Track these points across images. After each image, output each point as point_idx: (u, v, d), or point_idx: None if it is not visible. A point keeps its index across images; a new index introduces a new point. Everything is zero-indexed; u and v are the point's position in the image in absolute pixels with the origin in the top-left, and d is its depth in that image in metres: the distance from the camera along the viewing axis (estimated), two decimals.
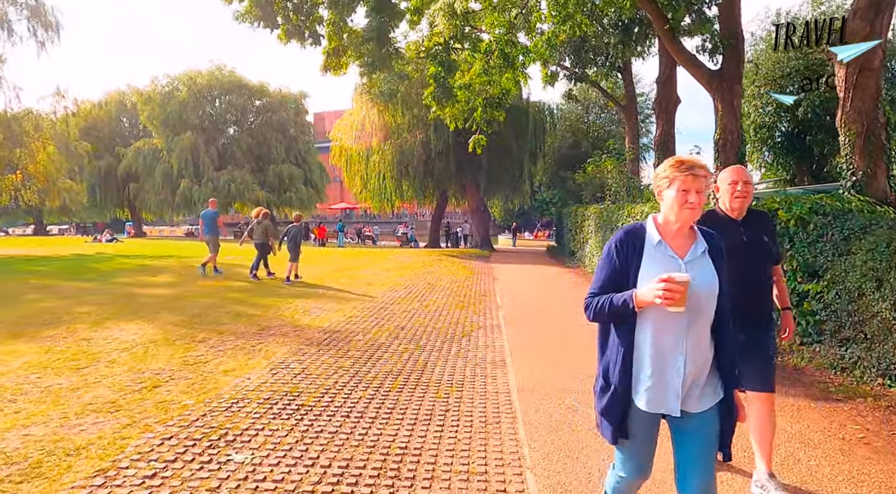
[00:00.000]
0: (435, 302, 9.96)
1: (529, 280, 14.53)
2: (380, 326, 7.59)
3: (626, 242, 2.05)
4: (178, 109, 43.26)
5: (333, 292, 10.84)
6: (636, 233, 2.06)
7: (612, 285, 2.05)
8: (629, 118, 19.88)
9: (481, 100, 13.07)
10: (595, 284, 2.13)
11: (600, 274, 2.11)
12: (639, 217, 11.44)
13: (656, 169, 2.10)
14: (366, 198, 29.49)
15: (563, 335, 7.34)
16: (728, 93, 10.05)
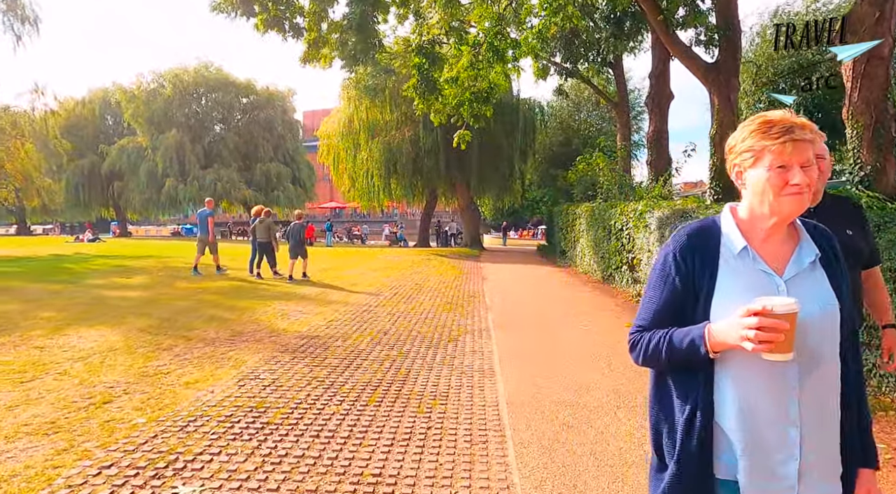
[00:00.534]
0: (421, 305, 9.53)
1: (520, 280, 14.15)
2: (361, 331, 7.15)
3: (692, 251, 1.38)
4: (164, 107, 42.52)
5: (316, 293, 10.38)
6: (706, 236, 1.39)
7: (671, 315, 1.40)
8: (621, 115, 19.57)
9: (468, 94, 12.66)
10: (644, 313, 1.46)
11: (652, 298, 1.44)
12: (632, 216, 11.08)
13: (731, 137, 1.40)
14: (354, 196, 29.01)
15: (556, 339, 6.94)
16: (724, 86, 9.72)
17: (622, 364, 5.63)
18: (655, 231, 9.86)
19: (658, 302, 1.42)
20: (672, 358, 1.34)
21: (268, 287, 11.15)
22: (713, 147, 9.91)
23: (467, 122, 13.33)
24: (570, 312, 8.99)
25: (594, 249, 13.89)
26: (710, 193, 10.36)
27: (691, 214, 8.54)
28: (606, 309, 9.32)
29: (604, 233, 12.97)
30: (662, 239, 9.51)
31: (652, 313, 1.43)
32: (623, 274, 11.75)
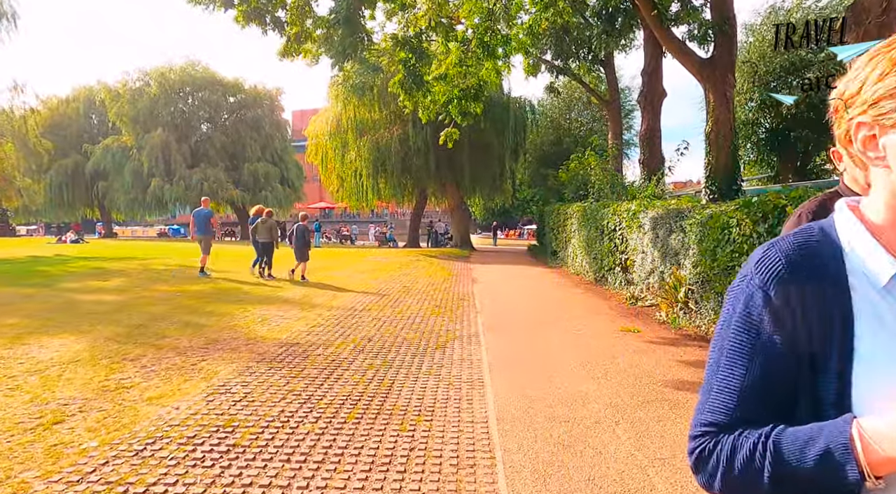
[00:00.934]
0: (409, 308, 9.19)
1: (510, 281, 13.84)
2: (345, 337, 6.80)
3: (800, 284, 0.81)
4: (149, 106, 41.87)
5: (300, 297, 10.01)
6: (819, 258, 0.83)
7: (771, 401, 0.83)
8: (612, 113, 19.32)
9: (457, 92, 12.32)
10: (718, 399, 0.86)
11: (730, 371, 0.85)
12: (626, 216, 10.81)
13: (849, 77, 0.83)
14: (342, 196, 28.61)
15: (548, 345, 6.63)
16: (721, 82, 9.46)
17: (618, 371, 5.32)
18: (650, 231, 9.59)
19: (744, 378, 0.83)
20: (785, 485, 0.76)
21: (250, 289, 10.77)
22: (708, 145, 9.65)
23: (455, 120, 12.99)
24: (563, 315, 8.69)
25: (586, 250, 13.62)
26: (705, 193, 10.11)
27: (686, 215, 8.27)
28: (600, 312, 9.03)
29: (596, 234, 12.69)
30: (657, 239, 9.25)
31: (734, 398, 0.83)
32: (616, 276, 11.47)
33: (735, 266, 6.38)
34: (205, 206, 12.95)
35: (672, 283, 8.32)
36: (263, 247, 12.37)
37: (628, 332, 7.31)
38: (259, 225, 12.27)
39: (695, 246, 7.80)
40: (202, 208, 12.87)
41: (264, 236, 12.27)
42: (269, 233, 12.30)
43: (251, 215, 12.99)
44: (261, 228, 12.25)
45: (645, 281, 9.90)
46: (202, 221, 12.66)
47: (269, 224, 12.33)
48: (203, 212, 12.77)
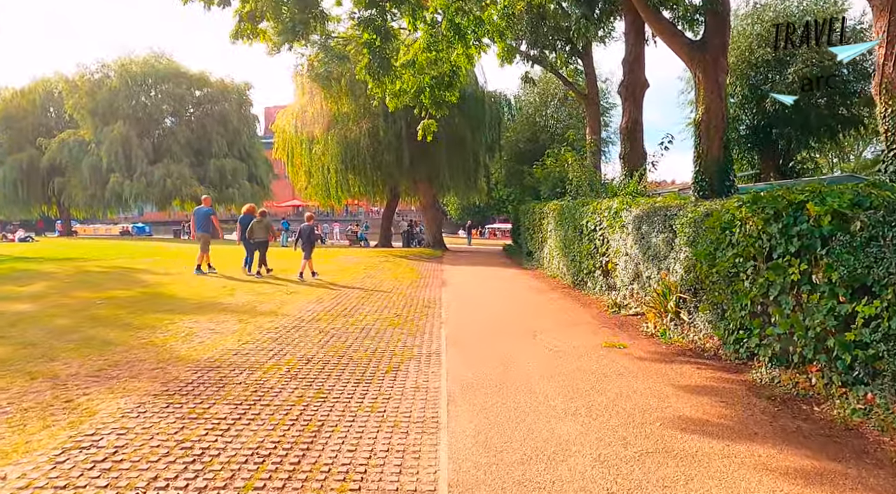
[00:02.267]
0: (365, 318, 8.10)
1: (482, 284, 12.84)
2: (279, 358, 5.69)
3: None
4: (109, 98, 39.94)
5: (245, 303, 8.85)
6: None
7: None
8: (590, 108, 18.48)
9: (428, 79, 11.27)
10: None
11: None
12: (606, 215, 9.88)
13: None
14: (311, 194, 27.30)
15: (521, 364, 5.61)
16: (712, 67, 8.57)
17: (605, 405, 4.33)
18: (633, 232, 8.66)
19: None
20: None
21: (191, 294, 9.55)
22: (698, 136, 8.76)
23: (429, 111, 11.93)
24: (538, 326, 7.69)
25: (563, 251, 12.68)
26: (694, 189, 9.22)
27: (676, 212, 7.35)
28: (580, 322, 8.06)
29: (574, 234, 11.76)
30: (641, 240, 8.32)
31: None
32: (596, 280, 10.54)
33: (739, 272, 5.44)
34: (206, 205, 13.11)
35: (660, 290, 7.38)
36: (259, 245, 12.61)
37: (613, 348, 6.34)
38: (255, 224, 12.45)
39: (686, 248, 6.87)
40: (202, 206, 13.03)
41: (260, 235, 12.52)
42: (264, 231, 12.62)
43: (242, 213, 13.09)
44: (256, 227, 12.45)
45: (628, 286, 8.97)
46: (202, 219, 12.80)
47: (264, 223, 12.62)
48: (203, 210, 12.91)
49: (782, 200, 4.88)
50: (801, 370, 4.70)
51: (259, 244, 12.63)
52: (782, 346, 4.89)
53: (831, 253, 4.35)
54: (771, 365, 5.02)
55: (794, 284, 4.74)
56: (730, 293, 5.61)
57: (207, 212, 13.01)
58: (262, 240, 12.63)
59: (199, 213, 12.95)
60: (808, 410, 4.18)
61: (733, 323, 5.62)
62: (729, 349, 5.65)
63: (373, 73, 10.34)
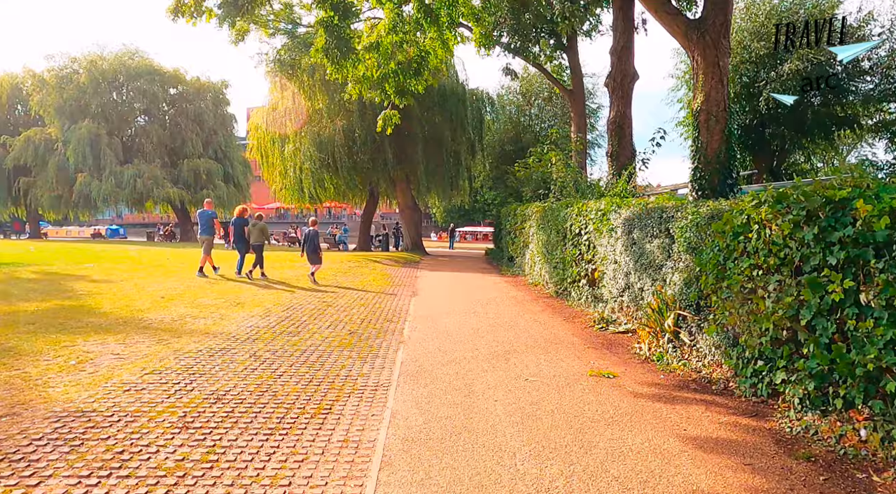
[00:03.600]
0: (312, 336, 6.93)
1: (457, 293, 11.70)
2: (182, 395, 4.50)
3: None
4: (77, 95, 38.35)
5: (174, 320, 7.62)
6: None
7: None
8: (575, 105, 17.47)
9: (394, 65, 10.14)
10: None
11: None
12: (593, 216, 8.81)
13: None
14: (285, 195, 25.96)
15: (488, 403, 4.48)
16: (712, 48, 7.52)
17: (591, 474, 3.20)
18: (623, 236, 7.59)
19: None
20: None
21: (116, 309, 8.30)
22: (696, 127, 7.71)
23: (392, 101, 10.80)
24: (514, 346, 6.57)
25: (546, 257, 11.59)
26: (692, 188, 8.16)
27: (673, 214, 6.29)
28: (562, 340, 6.94)
29: (558, 238, 10.68)
30: (632, 246, 7.25)
31: None
32: (581, 290, 9.45)
33: (756, 288, 4.36)
34: (208, 208, 13.24)
35: (655, 305, 6.29)
36: (255, 248, 12.61)
37: (601, 378, 5.22)
38: (251, 227, 12.53)
39: (686, 256, 5.80)
40: (205, 209, 13.14)
41: (256, 239, 12.56)
42: (260, 234, 12.65)
43: (234, 216, 12.98)
44: (253, 231, 12.53)
45: (617, 298, 7.89)
46: (206, 222, 12.85)
47: (259, 226, 12.67)
48: (207, 213, 13.00)
49: (817, 198, 3.80)
50: (845, 418, 3.62)
51: (254, 247, 12.60)
52: (818, 385, 3.80)
53: (891, 267, 3.27)
54: (803, 408, 3.92)
55: (835, 306, 3.66)
56: (745, 313, 4.52)
57: (211, 214, 13.09)
58: (256, 243, 12.61)
59: (203, 216, 13.02)
60: (865, 481, 3.08)
61: (750, 351, 4.52)
62: (744, 383, 4.56)
63: (330, 55, 9.19)
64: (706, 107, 7.48)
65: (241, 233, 12.65)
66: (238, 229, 12.69)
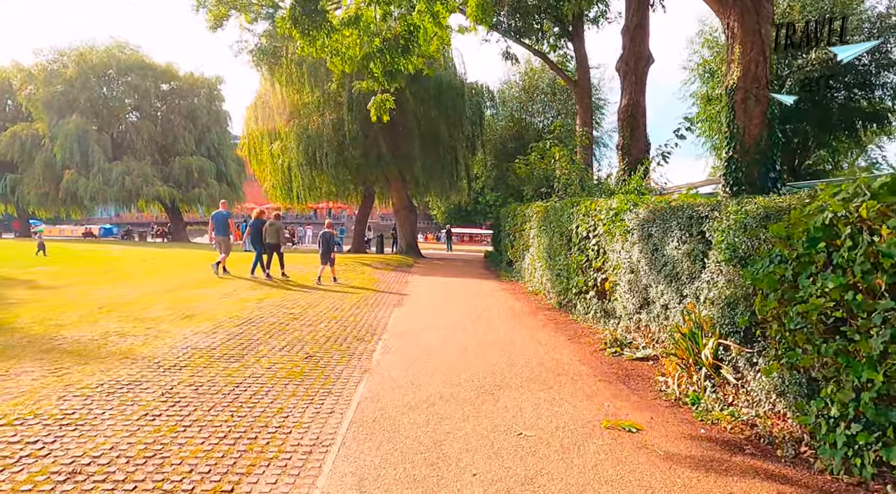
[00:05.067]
0: (258, 362, 5.59)
1: (448, 302, 10.36)
2: (21, 469, 3.17)
3: None
4: (65, 89, 37.12)
5: (98, 337, 6.29)
6: None
7: None
8: (580, 96, 16.11)
9: (378, 42, 8.81)
10: None
11: None
12: (603, 216, 7.48)
13: None
14: (274, 194, 24.62)
15: (465, 466, 3.14)
16: (752, 13, 6.17)
17: None
18: (640, 241, 6.25)
19: None
20: None
21: (37, 322, 6.98)
22: (732, 109, 6.35)
23: (382, 85, 9.46)
24: (506, 377, 5.22)
25: (548, 263, 10.24)
26: (725, 182, 6.78)
27: (708, 213, 4.96)
28: (567, 370, 5.59)
29: (561, 242, 9.33)
30: (652, 252, 5.91)
31: None
32: (589, 303, 8.09)
33: (851, 319, 3.01)
34: (223, 208, 13.42)
35: (687, 329, 4.94)
36: (271, 248, 12.68)
37: (621, 432, 3.88)
38: (268, 227, 12.59)
39: (728, 267, 4.46)
40: (220, 210, 13.29)
41: (272, 238, 12.61)
42: (276, 234, 12.70)
43: (253, 218, 13.28)
44: (269, 230, 12.59)
45: (633, 315, 6.54)
46: (220, 223, 12.99)
47: (276, 226, 12.74)
48: (221, 214, 13.14)
49: None
50: None
51: (270, 246, 12.63)
52: None
53: None
54: None
55: None
56: (831, 353, 3.17)
57: (225, 215, 13.22)
58: (272, 242, 12.63)
59: (218, 217, 13.09)
60: None
61: (839, 409, 3.17)
62: (832, 454, 3.19)
63: (299, 24, 7.85)
64: (744, 85, 6.13)
65: (259, 234, 12.68)
66: (256, 230, 12.77)
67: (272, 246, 12.68)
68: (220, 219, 13.06)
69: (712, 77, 19.59)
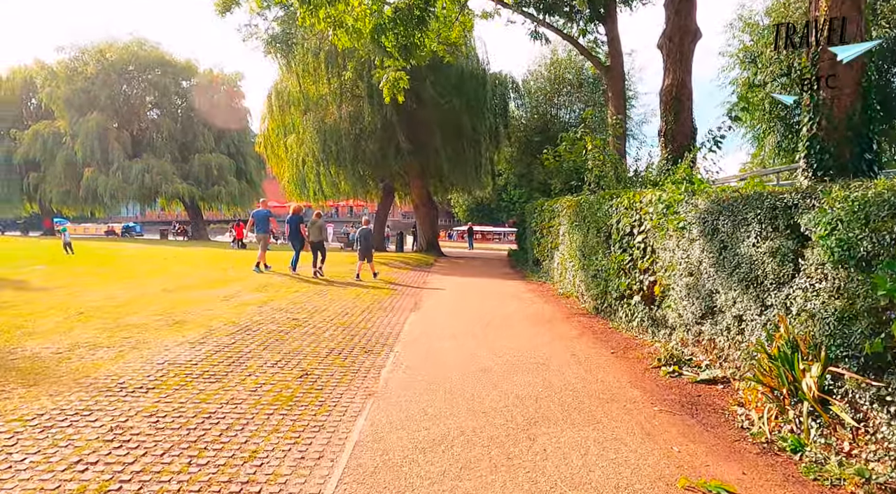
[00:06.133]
0: (242, 383, 4.66)
1: (469, 306, 9.35)
2: None
3: None
4: (86, 87, 37.00)
5: (60, 350, 5.43)
6: None
7: None
8: (613, 82, 14.93)
9: (390, 11, 7.83)
10: None
11: None
12: (651, 209, 6.41)
13: None
14: (289, 190, 23.83)
15: None
16: None
17: None
18: (703, 237, 5.18)
19: None
20: None
21: (5, 330, 6.18)
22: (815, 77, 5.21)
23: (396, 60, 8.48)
24: (541, 410, 4.20)
25: (582, 263, 9.16)
26: (806, 164, 5.64)
27: (797, 202, 3.90)
28: (617, 397, 4.54)
29: (598, 239, 8.25)
30: (723, 251, 4.85)
31: None
32: (633, 310, 7.00)
33: None
34: (263, 207, 13.77)
35: (776, 349, 3.85)
36: (315, 246, 12.80)
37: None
38: (311, 226, 12.80)
39: (837, 270, 3.39)
40: (261, 209, 13.59)
41: (316, 236, 12.81)
42: (319, 232, 12.92)
43: (290, 214, 13.23)
44: (312, 229, 12.78)
45: (692, 326, 5.45)
46: (262, 220, 13.22)
47: (318, 224, 12.91)
48: (262, 213, 13.38)
49: None
50: None
51: (313, 244, 12.76)
52: None
53: None
54: None
55: None
56: None
57: (266, 213, 13.44)
58: (315, 240, 12.79)
59: (259, 215, 13.32)
60: None
61: None
62: None
63: None
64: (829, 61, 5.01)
65: (297, 231, 12.80)
66: (294, 227, 12.85)
67: (316, 243, 12.79)
68: (261, 217, 13.28)
69: (754, 63, 18.19)
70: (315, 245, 12.80)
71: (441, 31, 11.08)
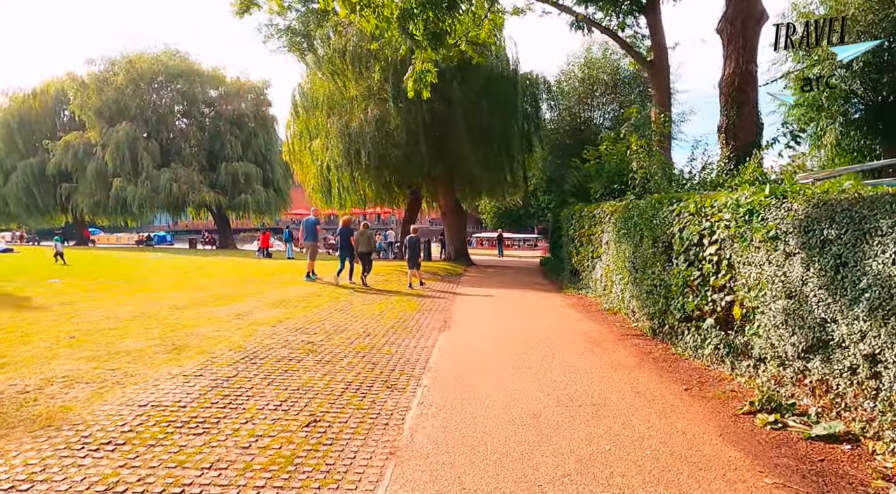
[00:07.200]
0: (235, 434, 3.77)
1: (507, 324, 8.36)
2: None
3: None
4: (115, 97, 37.19)
5: (28, 388, 4.64)
6: None
7: None
8: (657, 77, 13.87)
9: None
10: None
11: None
12: (726, 216, 5.36)
13: None
14: (313, 198, 23.14)
15: None
16: None
17: None
18: (803, 250, 4.11)
19: None
20: None
21: None
22: None
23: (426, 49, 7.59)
24: (613, 485, 3.21)
25: (633, 277, 8.08)
26: None
27: None
28: (711, 461, 3.50)
29: (654, 250, 7.17)
30: (838, 268, 3.76)
31: None
32: (704, 334, 5.91)
33: None
34: (313, 215, 13.95)
35: None
36: (363, 256, 12.89)
37: None
38: (359, 236, 12.76)
39: None
40: (310, 217, 13.77)
41: (364, 247, 12.89)
42: (368, 243, 13.07)
43: (340, 225, 13.19)
44: (361, 240, 12.80)
45: (792, 361, 4.37)
46: (310, 229, 13.46)
47: (367, 235, 13.03)
48: (311, 221, 13.59)
49: None
50: None
51: (362, 255, 12.85)
52: None
53: None
54: None
55: None
56: None
57: (314, 222, 13.63)
58: (364, 251, 12.89)
59: (308, 224, 13.56)
60: None
61: None
62: None
63: None
64: None
65: (347, 242, 12.74)
66: (344, 238, 12.82)
67: (365, 254, 12.90)
68: (309, 226, 13.50)
69: (808, 55, 16.86)
70: (363, 256, 12.88)
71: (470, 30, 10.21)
